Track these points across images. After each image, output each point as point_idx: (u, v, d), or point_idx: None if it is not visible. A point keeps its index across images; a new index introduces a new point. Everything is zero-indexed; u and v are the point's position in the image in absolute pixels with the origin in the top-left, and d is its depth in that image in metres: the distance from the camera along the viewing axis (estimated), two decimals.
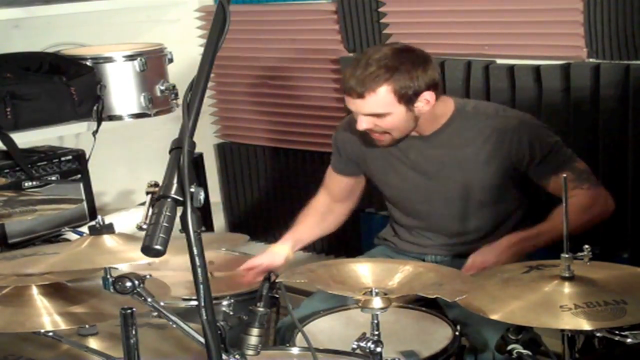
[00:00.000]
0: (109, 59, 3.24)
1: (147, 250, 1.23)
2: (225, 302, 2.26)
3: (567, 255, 1.76)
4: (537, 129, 2.42)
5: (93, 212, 3.23)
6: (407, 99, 2.30)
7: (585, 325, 1.65)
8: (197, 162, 3.53)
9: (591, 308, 1.67)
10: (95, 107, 3.20)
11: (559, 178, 2.26)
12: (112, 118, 3.26)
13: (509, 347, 1.83)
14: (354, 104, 2.34)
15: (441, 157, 2.44)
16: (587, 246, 1.78)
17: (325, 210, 2.69)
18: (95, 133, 3.23)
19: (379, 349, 1.76)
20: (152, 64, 3.27)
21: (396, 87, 2.28)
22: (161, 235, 1.22)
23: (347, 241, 3.63)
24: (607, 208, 2.39)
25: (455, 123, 2.42)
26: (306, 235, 2.65)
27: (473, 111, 2.44)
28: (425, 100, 2.33)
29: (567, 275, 1.76)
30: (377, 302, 1.75)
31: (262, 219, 4.06)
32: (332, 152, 2.68)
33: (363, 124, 2.35)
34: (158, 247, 1.22)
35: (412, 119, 2.35)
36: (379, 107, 2.31)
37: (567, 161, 2.37)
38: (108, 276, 1.60)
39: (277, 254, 2.52)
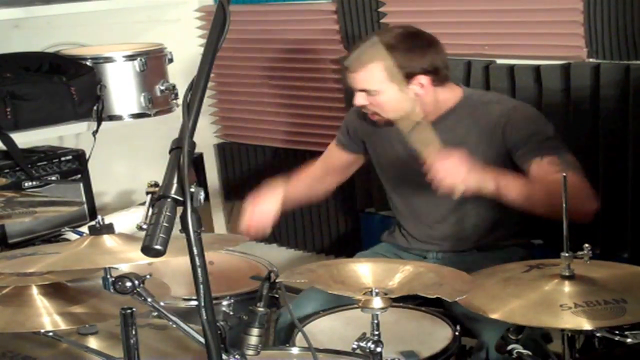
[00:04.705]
0: (109, 59, 3.24)
1: (147, 250, 1.23)
2: (225, 302, 2.26)
3: (567, 254, 1.76)
4: (531, 114, 2.42)
5: (93, 212, 3.23)
6: (399, 79, 2.32)
7: (585, 324, 1.65)
8: (197, 162, 3.53)
9: (591, 307, 1.67)
10: (95, 107, 3.20)
11: (542, 162, 2.25)
12: (112, 118, 3.26)
13: (509, 347, 1.83)
14: (349, 78, 2.41)
15: (442, 142, 2.43)
16: (587, 245, 1.79)
17: (316, 178, 2.75)
18: (95, 133, 3.22)
19: (379, 349, 1.76)
20: (152, 64, 3.27)
21: (388, 65, 2.30)
22: (161, 235, 1.23)
23: (347, 241, 3.64)
24: (588, 204, 2.25)
25: (460, 110, 2.45)
26: (295, 195, 2.67)
27: (477, 100, 2.48)
28: (420, 84, 2.34)
29: (567, 274, 1.76)
30: (377, 302, 1.75)
31: None
32: (340, 128, 2.73)
33: (358, 99, 2.41)
34: (158, 247, 1.22)
35: (406, 101, 2.34)
36: (369, 84, 2.35)
37: (555, 149, 2.30)
38: (108, 276, 1.60)
39: (266, 211, 2.54)
